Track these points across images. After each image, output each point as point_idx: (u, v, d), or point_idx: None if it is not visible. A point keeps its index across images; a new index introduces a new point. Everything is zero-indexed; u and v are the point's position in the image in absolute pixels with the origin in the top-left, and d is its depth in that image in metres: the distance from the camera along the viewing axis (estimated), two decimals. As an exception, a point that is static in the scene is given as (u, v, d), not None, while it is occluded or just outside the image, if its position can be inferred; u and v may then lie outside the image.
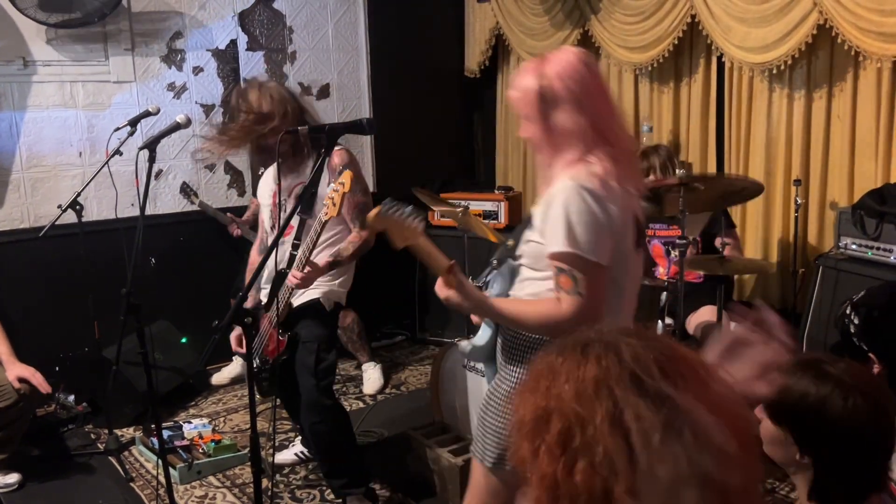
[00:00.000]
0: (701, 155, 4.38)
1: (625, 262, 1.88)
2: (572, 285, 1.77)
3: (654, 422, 0.86)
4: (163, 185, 4.54)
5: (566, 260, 1.77)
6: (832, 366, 1.44)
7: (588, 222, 1.76)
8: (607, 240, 1.80)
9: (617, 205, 1.81)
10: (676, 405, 0.87)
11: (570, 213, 1.76)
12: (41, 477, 3.41)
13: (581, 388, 0.91)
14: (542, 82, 1.84)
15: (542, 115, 1.84)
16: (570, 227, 1.76)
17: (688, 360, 0.94)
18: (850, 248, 3.46)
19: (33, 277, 4.13)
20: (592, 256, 1.77)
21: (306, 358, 2.88)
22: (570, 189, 1.77)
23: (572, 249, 1.76)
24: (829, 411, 1.39)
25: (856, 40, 3.41)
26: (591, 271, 1.78)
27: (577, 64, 1.85)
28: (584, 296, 1.77)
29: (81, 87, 4.24)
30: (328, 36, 5.04)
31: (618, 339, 0.95)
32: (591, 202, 1.77)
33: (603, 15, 4.58)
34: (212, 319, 4.31)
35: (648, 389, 0.88)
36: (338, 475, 3.05)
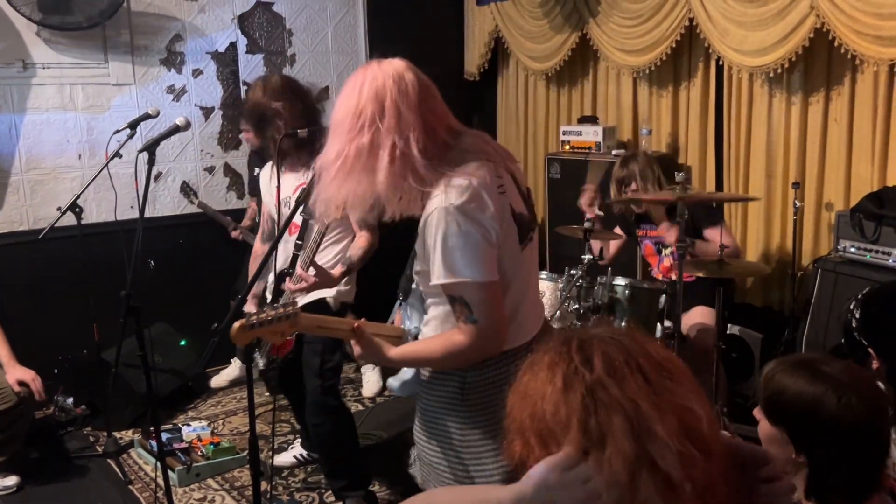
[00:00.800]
0: (700, 158, 4.39)
1: (514, 265, 1.80)
2: (467, 313, 1.70)
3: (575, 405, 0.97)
4: (162, 188, 4.55)
5: (453, 290, 1.70)
6: (828, 365, 1.45)
7: (465, 245, 1.67)
8: (489, 254, 1.70)
9: (491, 212, 1.70)
10: (610, 395, 0.95)
11: (447, 240, 1.67)
12: (40, 479, 3.41)
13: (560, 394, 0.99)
14: (359, 102, 1.75)
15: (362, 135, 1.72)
16: (448, 254, 1.67)
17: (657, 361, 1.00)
18: (849, 251, 3.46)
19: (33, 280, 4.13)
20: (479, 278, 1.68)
21: (311, 359, 2.89)
22: (440, 214, 1.68)
23: (456, 279, 1.68)
24: (824, 410, 1.40)
25: (853, 44, 3.42)
26: (481, 292, 1.69)
27: (399, 76, 1.83)
28: (479, 320, 1.70)
29: (81, 90, 4.24)
30: (327, 39, 5.05)
31: (594, 335, 1.04)
32: (463, 222, 1.66)
33: (601, 18, 4.59)
34: (211, 322, 4.32)
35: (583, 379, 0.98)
36: (339, 476, 3.06)
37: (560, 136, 4.84)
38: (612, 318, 3.35)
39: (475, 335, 1.71)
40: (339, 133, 1.74)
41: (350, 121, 1.73)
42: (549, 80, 5.15)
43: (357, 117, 1.72)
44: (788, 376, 1.46)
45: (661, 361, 1.00)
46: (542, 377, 1.00)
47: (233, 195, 4.81)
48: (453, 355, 1.76)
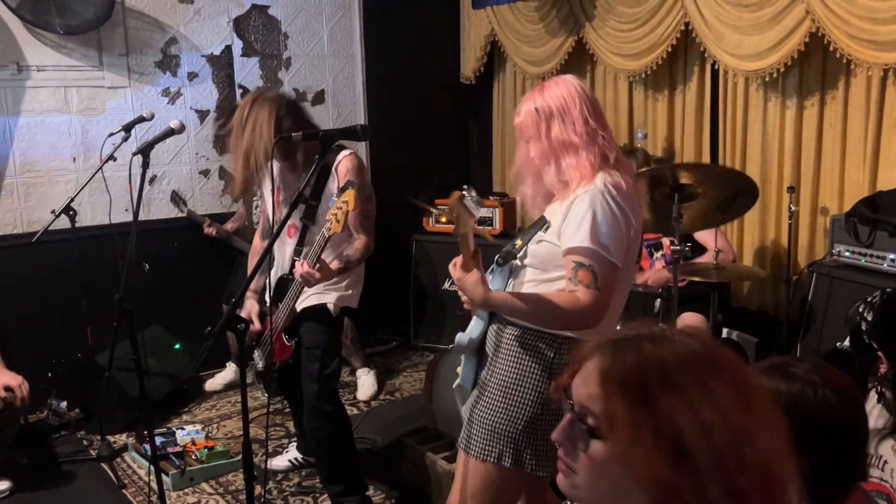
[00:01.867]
0: (695, 161, 4.39)
1: (628, 270, 1.99)
2: (592, 280, 1.85)
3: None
4: (157, 191, 4.54)
5: (588, 255, 1.86)
6: (796, 366, 1.45)
7: (612, 225, 1.87)
8: (624, 244, 1.90)
9: (635, 215, 1.94)
10: None
11: (597, 213, 1.86)
12: (32, 484, 3.39)
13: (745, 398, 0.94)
14: (538, 102, 1.99)
15: (548, 128, 1.97)
16: (595, 225, 1.86)
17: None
18: (844, 256, 3.47)
19: (26, 283, 4.11)
20: (612, 257, 1.86)
21: (310, 364, 2.90)
22: (597, 192, 1.89)
23: (595, 247, 1.85)
24: (802, 408, 1.40)
25: (847, 48, 3.43)
26: (609, 270, 1.87)
27: (572, 85, 2.01)
28: (601, 291, 1.85)
29: (76, 93, 4.23)
30: (323, 42, 5.04)
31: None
32: (615, 207, 1.88)
33: (597, 22, 4.60)
34: (205, 325, 4.33)
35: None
36: (335, 481, 3.05)
37: (556, 140, 4.83)
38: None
39: (591, 302, 1.85)
40: (539, 132, 2.00)
41: (548, 120, 1.99)
42: (544, 83, 5.15)
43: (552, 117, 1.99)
44: (761, 383, 1.46)
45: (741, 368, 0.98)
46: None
47: (228, 198, 4.80)
48: (565, 313, 1.88)
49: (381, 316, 5.15)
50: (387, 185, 5.15)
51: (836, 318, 3.40)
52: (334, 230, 2.51)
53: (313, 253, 2.65)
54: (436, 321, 5.01)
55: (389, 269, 4.80)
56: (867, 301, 2.02)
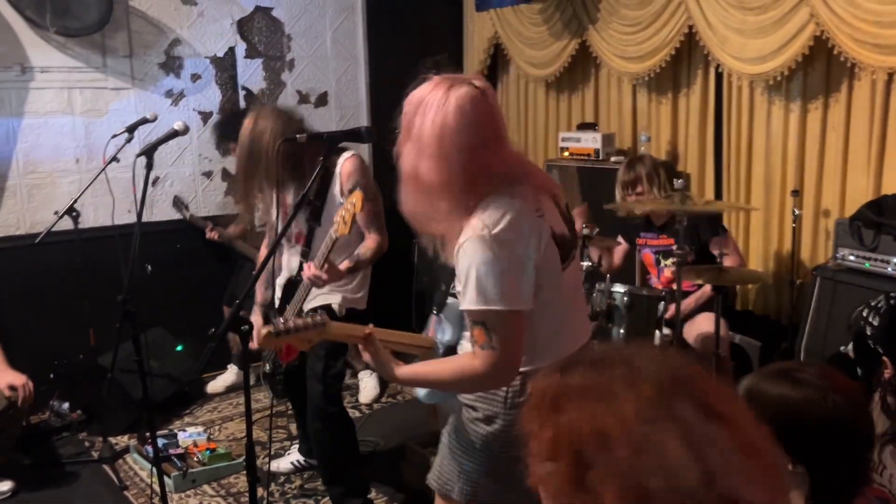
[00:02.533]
0: (699, 165, 4.38)
1: (554, 284, 1.80)
2: (486, 339, 1.70)
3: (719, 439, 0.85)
4: (160, 193, 4.54)
5: (478, 315, 1.70)
6: (803, 371, 1.45)
7: (497, 272, 1.67)
8: (520, 281, 1.71)
9: (527, 239, 1.72)
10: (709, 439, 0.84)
11: (478, 266, 1.68)
12: (34, 485, 3.39)
13: (645, 410, 0.87)
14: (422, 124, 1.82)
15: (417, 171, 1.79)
16: (478, 281, 1.68)
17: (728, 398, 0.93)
18: (848, 260, 3.46)
19: (29, 284, 4.11)
20: (506, 306, 1.68)
21: (315, 364, 2.90)
22: (474, 241, 1.69)
23: (483, 306, 1.68)
24: (813, 415, 1.40)
25: (852, 52, 3.42)
26: (506, 321, 1.70)
27: (462, 107, 1.81)
28: (497, 349, 1.70)
29: (79, 94, 4.23)
30: (327, 44, 5.05)
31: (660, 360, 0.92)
32: (498, 250, 1.67)
33: (601, 25, 4.59)
34: (208, 327, 4.33)
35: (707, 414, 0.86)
36: (338, 483, 3.05)
37: (559, 143, 4.83)
38: (610, 325, 3.34)
39: (489, 362, 1.71)
40: (413, 149, 1.81)
41: (420, 140, 1.79)
42: (548, 86, 5.15)
43: (421, 139, 1.79)
44: (769, 389, 1.46)
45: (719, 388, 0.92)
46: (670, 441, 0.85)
47: (230, 200, 4.79)
48: (464, 380, 1.78)
49: (383, 319, 5.11)
50: (390, 187, 5.14)
51: (839, 322, 3.39)
52: (341, 232, 2.50)
53: (321, 255, 2.65)
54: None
55: (391, 273, 4.77)
56: (871, 305, 2.00)
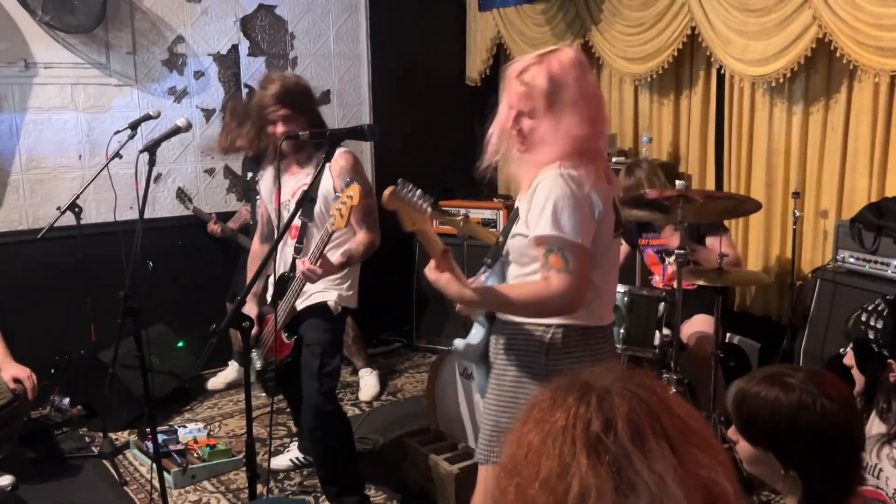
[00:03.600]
0: (700, 167, 4.39)
1: (605, 247, 1.96)
2: (563, 264, 1.84)
3: (600, 484, 0.81)
4: (162, 189, 4.54)
5: (554, 241, 1.84)
6: (792, 376, 1.45)
7: (572, 206, 1.84)
8: (590, 224, 1.88)
9: (598, 192, 1.89)
10: (637, 472, 0.81)
11: (556, 199, 1.84)
12: (35, 479, 3.39)
13: (540, 439, 0.87)
14: (551, 82, 1.89)
15: (541, 113, 1.90)
16: (555, 211, 1.83)
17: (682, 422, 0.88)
18: (848, 262, 3.46)
19: (31, 279, 4.12)
20: (577, 239, 1.84)
21: (310, 361, 2.89)
22: (554, 176, 1.86)
23: (558, 232, 1.83)
24: (803, 421, 1.40)
25: (854, 54, 3.43)
26: (579, 252, 1.85)
27: (578, 68, 1.92)
28: (573, 274, 1.84)
29: (82, 90, 4.24)
30: (329, 42, 5.05)
31: (613, 386, 0.89)
32: (574, 188, 1.85)
33: (603, 25, 4.60)
34: (209, 323, 4.29)
35: (607, 449, 0.83)
36: (334, 481, 3.05)
37: (561, 143, 4.83)
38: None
39: (566, 285, 1.83)
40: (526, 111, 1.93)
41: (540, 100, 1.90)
42: (550, 86, 5.15)
43: (548, 98, 1.89)
44: (760, 394, 1.46)
45: (686, 421, 0.88)
46: (561, 444, 0.85)
47: (232, 197, 4.81)
48: (540, 301, 1.88)
49: (384, 317, 5.15)
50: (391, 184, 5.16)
51: (839, 324, 3.40)
52: (338, 225, 2.50)
53: (316, 249, 2.65)
54: (438, 322, 5.01)
55: (392, 270, 4.80)
56: (868, 310, 1.99)
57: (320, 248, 2.64)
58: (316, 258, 2.65)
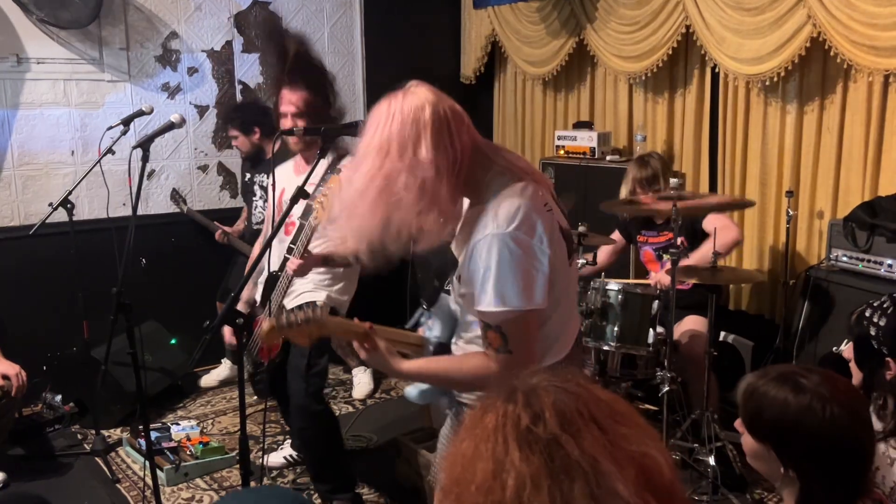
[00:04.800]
0: (694, 165, 4.39)
1: (565, 280, 1.79)
2: (501, 343, 1.68)
3: (534, 472, 0.83)
4: (155, 186, 4.53)
5: (494, 318, 1.67)
6: (807, 378, 1.44)
7: (516, 271, 1.64)
8: (538, 281, 1.67)
9: (541, 235, 1.67)
10: (569, 454, 0.83)
11: (497, 267, 1.64)
12: (26, 477, 3.38)
13: (473, 446, 0.89)
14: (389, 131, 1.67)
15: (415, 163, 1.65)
16: (497, 282, 1.64)
17: (608, 406, 0.90)
18: (841, 260, 3.47)
19: (23, 275, 4.10)
20: (525, 306, 1.65)
21: (298, 361, 2.87)
22: (491, 240, 1.64)
23: (501, 308, 1.65)
24: (808, 424, 1.40)
25: (848, 53, 3.43)
26: (523, 321, 1.68)
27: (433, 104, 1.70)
28: (513, 352, 1.68)
29: (75, 86, 4.22)
30: (324, 39, 5.04)
31: (538, 383, 0.92)
32: (517, 250, 1.64)
33: (598, 24, 4.60)
34: (202, 321, 4.32)
35: (538, 439, 0.84)
36: (324, 480, 3.04)
37: (555, 141, 4.84)
38: (604, 323, 3.35)
39: (505, 365, 1.68)
40: (366, 163, 1.67)
41: (377, 151, 1.65)
42: (545, 84, 5.16)
43: (385, 148, 1.65)
44: (770, 392, 1.45)
45: (612, 405, 0.90)
46: (493, 444, 0.87)
47: (226, 194, 4.79)
48: (479, 379, 1.72)
49: (378, 315, 5.13)
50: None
51: (832, 322, 3.41)
52: (321, 217, 2.49)
53: (300, 244, 2.64)
54: (432, 320, 5.00)
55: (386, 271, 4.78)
56: (874, 306, 1.97)
57: (304, 243, 2.63)
58: (300, 254, 2.64)
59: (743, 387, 1.53)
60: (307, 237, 2.62)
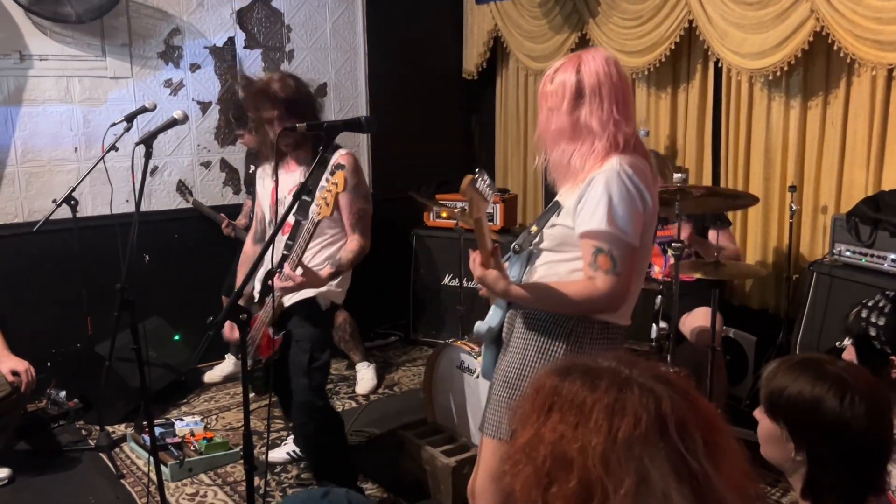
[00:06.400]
0: (697, 160, 4.39)
1: (647, 248, 1.99)
2: (611, 265, 1.86)
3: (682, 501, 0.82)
4: (158, 182, 4.53)
5: (606, 239, 1.85)
6: (832, 365, 1.44)
7: (629, 206, 1.86)
8: (640, 225, 1.90)
9: (651, 195, 1.93)
10: (711, 487, 0.83)
11: (613, 195, 1.85)
12: (31, 472, 3.39)
13: (610, 449, 0.87)
14: (580, 76, 1.94)
15: (574, 106, 1.94)
16: (612, 207, 1.84)
17: (726, 433, 0.91)
18: (845, 255, 3.47)
19: (27, 272, 4.11)
20: (630, 239, 1.86)
21: (300, 357, 2.87)
22: (613, 172, 1.87)
23: (613, 230, 1.84)
24: (825, 409, 1.39)
25: (852, 48, 3.42)
26: (628, 252, 1.86)
27: (608, 65, 1.97)
28: (620, 276, 1.86)
29: (78, 82, 4.23)
30: (326, 35, 5.04)
31: (658, 393, 0.90)
32: (632, 188, 1.86)
33: (601, 18, 4.59)
34: (205, 316, 4.34)
35: (687, 466, 0.84)
36: (325, 475, 3.05)
37: (558, 136, 4.83)
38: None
39: (612, 287, 1.86)
40: (564, 104, 1.95)
41: (576, 94, 1.94)
42: (547, 79, 5.15)
43: (577, 92, 1.94)
44: (791, 374, 1.46)
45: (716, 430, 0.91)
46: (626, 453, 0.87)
47: (229, 190, 4.80)
48: (586, 300, 1.90)
49: (381, 310, 5.15)
50: (388, 179, 5.16)
51: (835, 317, 3.41)
52: (323, 213, 2.48)
53: (302, 240, 2.62)
54: (435, 316, 5.01)
55: (390, 264, 4.79)
56: (869, 305, 1.98)
57: (306, 240, 2.62)
58: (300, 254, 2.62)
59: (767, 370, 1.53)
60: (309, 233, 2.62)
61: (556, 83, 1.98)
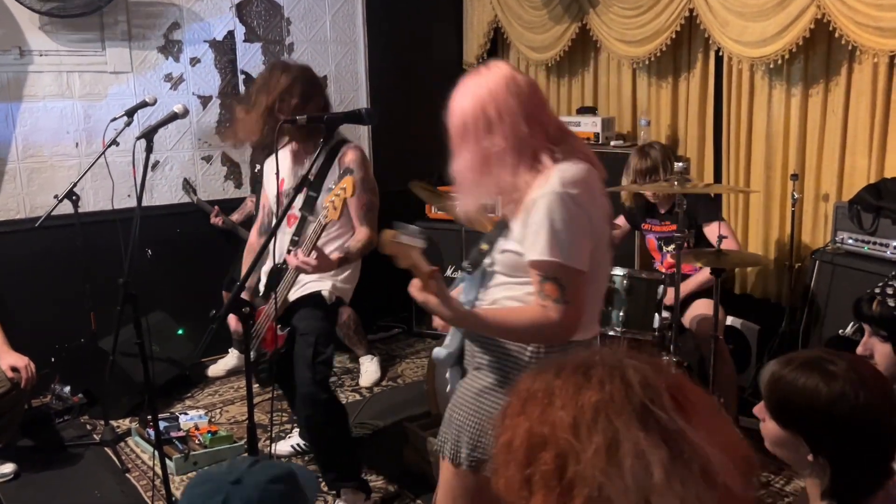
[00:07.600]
0: (699, 149, 4.38)
1: (603, 260, 1.90)
2: (559, 294, 1.76)
3: (657, 457, 0.83)
4: (159, 177, 4.53)
5: (551, 268, 1.76)
6: (834, 364, 1.41)
7: (572, 230, 1.75)
8: (588, 245, 1.80)
9: (597, 207, 1.83)
10: (686, 439, 0.84)
11: (554, 220, 1.74)
12: (36, 468, 3.41)
13: (578, 416, 0.88)
14: (464, 106, 1.88)
15: (485, 136, 1.83)
16: (554, 234, 1.74)
17: (696, 392, 0.92)
18: (847, 243, 3.47)
19: (29, 268, 4.11)
20: (575, 264, 1.76)
21: (304, 350, 2.87)
22: (554, 195, 1.75)
23: (557, 259, 1.75)
24: (841, 411, 1.37)
25: (853, 35, 3.41)
26: (576, 278, 1.77)
27: (501, 79, 1.86)
28: (570, 303, 1.76)
29: (78, 78, 4.22)
30: (326, 27, 5.03)
31: (624, 363, 0.92)
32: (574, 209, 1.75)
33: (601, 8, 4.58)
34: (208, 310, 4.30)
35: (657, 421, 0.85)
36: (330, 468, 3.05)
37: (559, 127, 4.82)
38: (610, 308, 3.35)
39: (563, 315, 1.77)
40: (466, 139, 1.87)
41: (474, 126, 1.85)
42: (549, 70, 5.14)
43: (478, 122, 1.84)
44: (798, 380, 1.42)
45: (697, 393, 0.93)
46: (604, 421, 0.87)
47: (230, 184, 4.80)
48: (538, 329, 1.81)
49: (383, 303, 5.14)
50: (389, 171, 5.14)
51: (838, 305, 3.40)
52: (331, 217, 2.49)
53: (309, 241, 2.63)
54: (438, 308, 5.01)
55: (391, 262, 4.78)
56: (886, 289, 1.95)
57: (313, 241, 2.62)
58: (309, 250, 2.62)
59: (767, 375, 1.50)
60: (316, 234, 2.62)
61: (456, 118, 1.89)
